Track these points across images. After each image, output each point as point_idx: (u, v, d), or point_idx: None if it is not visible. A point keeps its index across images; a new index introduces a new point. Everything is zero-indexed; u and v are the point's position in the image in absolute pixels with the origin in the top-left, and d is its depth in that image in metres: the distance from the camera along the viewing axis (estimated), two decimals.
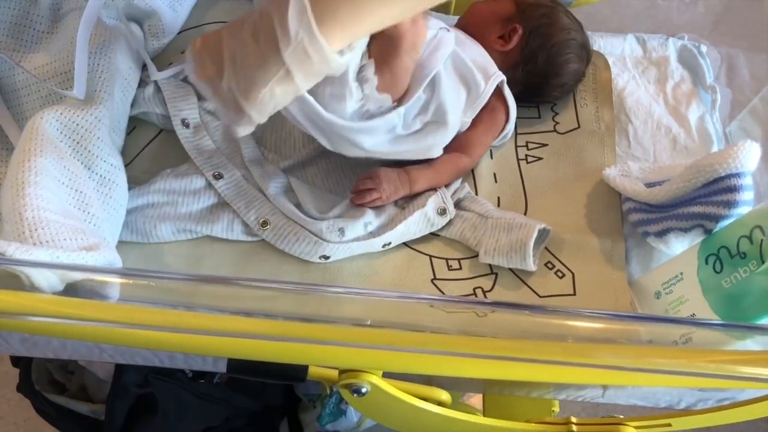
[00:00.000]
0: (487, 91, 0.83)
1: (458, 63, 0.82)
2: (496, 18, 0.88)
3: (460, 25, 0.90)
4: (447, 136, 0.81)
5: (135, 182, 0.82)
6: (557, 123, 0.93)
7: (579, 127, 0.93)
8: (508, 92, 0.85)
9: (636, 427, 0.72)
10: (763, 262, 0.71)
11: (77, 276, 0.59)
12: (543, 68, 0.88)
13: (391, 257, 0.82)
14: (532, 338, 0.65)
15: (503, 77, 0.84)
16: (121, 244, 0.78)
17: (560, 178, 0.89)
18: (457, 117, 0.82)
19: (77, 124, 0.74)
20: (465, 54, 0.83)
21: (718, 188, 0.75)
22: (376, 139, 0.76)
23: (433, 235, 0.84)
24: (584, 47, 0.90)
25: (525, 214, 0.86)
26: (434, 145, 0.81)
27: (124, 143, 0.84)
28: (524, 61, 0.88)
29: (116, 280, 0.62)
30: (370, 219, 0.79)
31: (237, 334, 0.57)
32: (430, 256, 0.82)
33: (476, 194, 0.87)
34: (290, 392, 1.30)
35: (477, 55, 0.85)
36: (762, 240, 0.72)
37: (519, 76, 0.88)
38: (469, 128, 0.85)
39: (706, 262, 0.76)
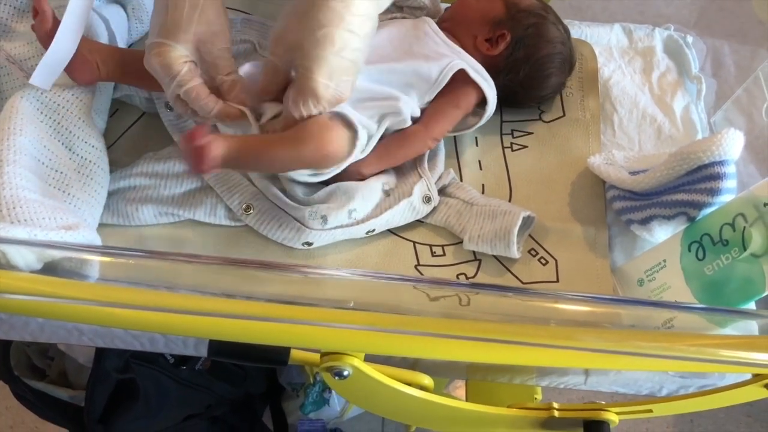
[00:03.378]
0: (441, 80, 0.82)
1: (397, 71, 0.82)
2: (486, 19, 0.87)
3: (447, 16, 0.89)
4: (406, 115, 0.82)
5: (117, 165, 0.81)
6: (542, 111, 0.93)
7: (564, 115, 0.93)
8: (477, 75, 0.84)
9: (617, 413, 0.72)
10: (745, 249, 0.71)
11: (55, 254, 0.58)
12: (523, 80, 0.87)
13: (375, 243, 0.81)
14: (516, 321, 0.65)
15: (462, 66, 0.83)
16: (102, 227, 0.77)
17: (545, 166, 0.88)
18: (411, 104, 0.82)
19: (58, 104, 0.73)
20: (411, 55, 0.83)
21: (702, 176, 0.76)
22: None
23: (418, 222, 0.83)
24: (568, 61, 0.90)
25: (509, 201, 0.86)
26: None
27: (107, 125, 0.83)
28: (506, 70, 0.87)
29: (95, 258, 0.61)
30: (355, 206, 0.79)
31: (218, 313, 0.57)
32: (414, 243, 0.82)
33: (461, 182, 0.87)
34: (273, 381, 1.30)
35: (432, 51, 0.84)
36: (744, 227, 0.72)
37: (499, 82, 0.86)
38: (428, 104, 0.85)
39: (689, 250, 0.76)
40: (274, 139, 0.71)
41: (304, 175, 0.76)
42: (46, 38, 0.70)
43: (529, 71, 0.87)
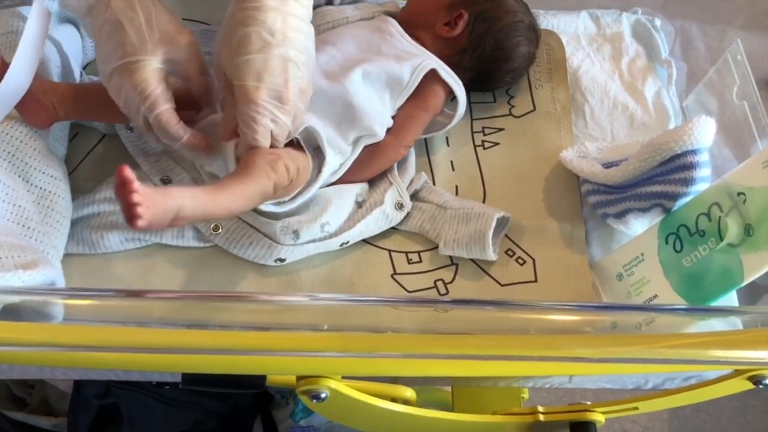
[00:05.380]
0: (412, 82, 0.80)
1: (372, 73, 0.80)
2: (440, 5, 0.85)
3: (404, 14, 0.88)
4: (382, 135, 0.80)
5: (79, 191, 0.79)
6: (513, 106, 0.91)
7: (535, 109, 0.91)
8: (447, 74, 0.83)
9: (603, 413, 0.72)
10: (722, 240, 0.71)
11: (13, 298, 0.56)
12: (492, 53, 0.86)
13: (350, 255, 0.80)
14: (494, 331, 0.64)
15: (433, 66, 0.82)
16: (67, 257, 0.75)
17: (518, 163, 0.87)
18: (386, 120, 0.80)
19: (11, 136, 0.71)
20: (381, 56, 0.81)
21: (675, 166, 0.75)
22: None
23: (392, 229, 0.82)
24: (532, 28, 0.88)
25: (484, 201, 0.84)
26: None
27: (67, 150, 0.81)
28: (472, 47, 0.85)
29: (55, 300, 0.59)
30: (327, 219, 0.77)
31: (189, 349, 0.55)
32: (390, 251, 0.81)
33: (434, 183, 0.86)
34: (262, 391, 1.29)
35: (401, 51, 0.82)
36: (720, 217, 0.71)
37: (467, 62, 0.86)
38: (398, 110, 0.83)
39: (666, 242, 0.75)
40: (225, 185, 0.67)
41: (268, 205, 0.74)
42: None
43: (496, 42, 0.86)
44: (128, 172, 0.57)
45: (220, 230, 0.77)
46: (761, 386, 0.62)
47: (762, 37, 0.98)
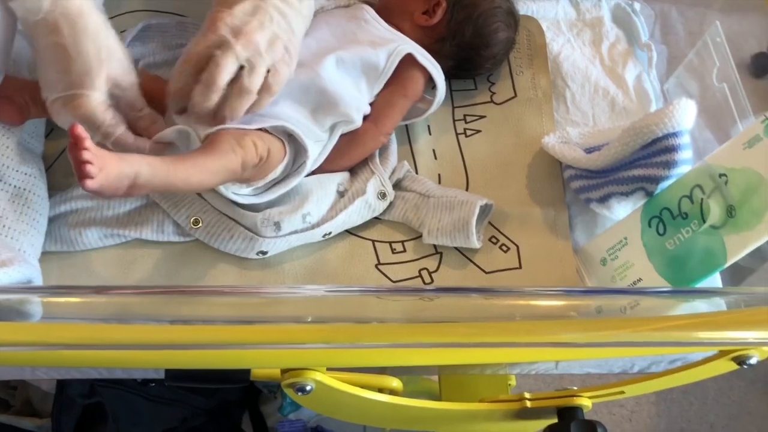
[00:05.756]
0: (388, 67, 0.80)
1: (346, 60, 0.79)
2: None
3: (382, 3, 0.87)
4: (359, 121, 0.79)
5: (56, 188, 0.77)
6: (494, 93, 0.91)
7: (516, 95, 0.91)
8: (424, 59, 0.82)
9: (590, 397, 0.71)
10: (704, 222, 0.71)
11: None
12: (471, 41, 0.85)
13: (333, 246, 0.79)
14: (479, 318, 0.63)
15: (409, 50, 0.81)
16: (46, 255, 0.74)
17: (500, 150, 0.87)
18: (362, 106, 0.80)
19: None
20: (356, 42, 0.80)
21: (657, 149, 0.75)
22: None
23: (376, 219, 0.81)
24: (511, 14, 0.88)
25: (467, 189, 0.84)
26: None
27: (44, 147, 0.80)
28: (451, 35, 0.85)
29: (32, 297, 0.58)
30: (309, 210, 0.76)
31: (171, 345, 0.54)
32: (373, 241, 0.80)
33: (416, 172, 0.85)
34: (249, 385, 1.28)
35: (376, 37, 0.81)
36: (702, 199, 0.71)
37: (447, 50, 0.85)
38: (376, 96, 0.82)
39: (650, 225, 0.75)
40: (186, 156, 0.67)
41: (246, 195, 0.73)
42: None
43: (475, 29, 0.85)
44: (80, 130, 0.56)
45: (201, 224, 0.76)
46: (745, 366, 0.62)
47: (741, 19, 0.98)
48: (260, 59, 0.67)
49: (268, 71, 0.69)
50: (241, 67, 0.67)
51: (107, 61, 0.64)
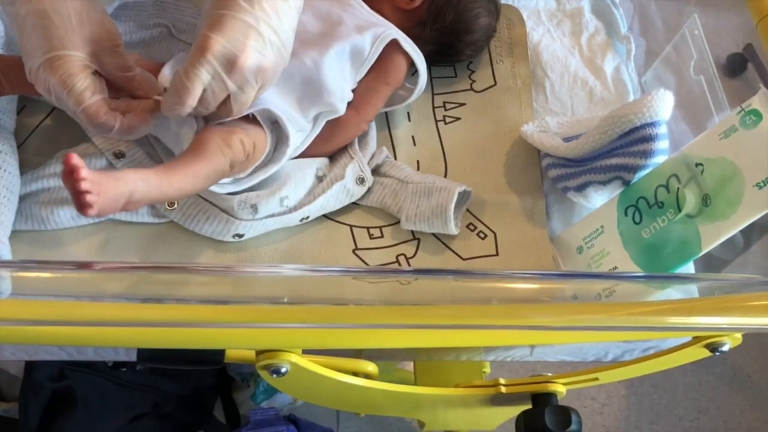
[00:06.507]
0: (373, 52, 0.79)
1: (336, 49, 0.78)
2: None
3: None
4: (343, 110, 0.78)
5: (27, 166, 0.76)
6: (474, 81, 0.91)
7: (496, 84, 0.91)
8: (408, 46, 0.82)
9: (564, 383, 0.72)
10: (680, 211, 0.71)
11: None
12: (452, 25, 0.85)
13: (310, 230, 0.78)
14: (456, 301, 0.63)
15: (395, 36, 0.80)
16: (16, 233, 0.72)
17: (479, 138, 0.87)
18: (346, 94, 0.79)
19: None
20: (344, 26, 0.79)
21: (634, 138, 0.75)
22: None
23: (354, 204, 0.81)
24: (492, 1, 0.88)
25: (445, 176, 0.84)
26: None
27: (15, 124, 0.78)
28: (432, 19, 0.84)
29: (3, 272, 0.57)
30: (286, 193, 0.75)
31: (143, 323, 0.54)
32: (351, 226, 0.80)
33: (395, 158, 0.85)
34: (222, 372, 1.27)
35: (362, 21, 0.81)
36: (678, 188, 0.72)
37: (428, 34, 0.85)
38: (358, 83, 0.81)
39: (626, 214, 0.75)
40: (177, 164, 0.65)
41: (226, 185, 0.72)
42: None
43: (455, 14, 0.85)
44: (76, 159, 0.56)
45: (176, 206, 0.75)
46: (717, 353, 0.63)
47: (718, 13, 0.99)
48: (240, 82, 0.65)
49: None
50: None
51: (87, 22, 0.63)
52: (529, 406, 0.71)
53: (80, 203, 0.57)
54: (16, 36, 0.65)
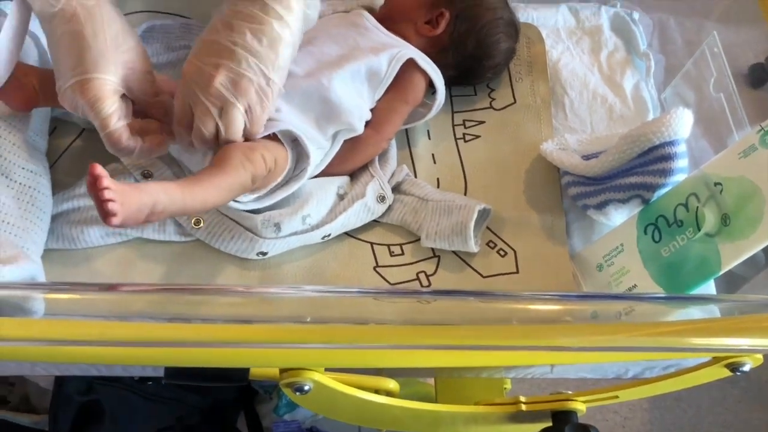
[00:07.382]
0: (390, 72, 0.80)
1: (351, 70, 0.79)
2: (420, 3, 0.85)
3: (384, 11, 0.88)
4: (360, 129, 0.80)
5: (59, 186, 0.78)
6: (493, 99, 0.92)
7: (515, 102, 0.92)
8: (426, 63, 0.83)
9: (584, 401, 0.72)
10: (699, 230, 0.71)
11: None
12: (474, 51, 0.86)
13: (332, 248, 0.80)
14: (476, 322, 0.64)
15: (411, 55, 0.82)
16: (48, 252, 0.74)
17: (498, 156, 0.88)
18: (364, 113, 0.80)
19: None
20: (359, 50, 0.81)
21: (653, 157, 0.75)
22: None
23: (374, 222, 0.82)
24: (512, 24, 0.89)
25: (465, 194, 0.85)
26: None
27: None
28: (454, 46, 0.86)
29: (36, 294, 0.58)
30: (309, 211, 0.77)
31: (171, 342, 0.55)
32: (372, 244, 0.81)
33: (415, 176, 0.86)
34: (245, 386, 1.29)
35: (377, 43, 0.82)
36: (697, 207, 0.72)
37: (450, 59, 0.86)
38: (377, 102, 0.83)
39: (645, 232, 0.76)
40: (200, 178, 0.67)
41: (247, 202, 0.74)
42: None
43: (477, 40, 0.86)
44: (99, 170, 0.57)
45: (202, 224, 0.76)
46: (738, 373, 0.63)
47: (738, 30, 0.99)
48: (234, 108, 0.67)
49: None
50: None
51: (122, 46, 0.66)
52: (549, 424, 0.71)
53: (104, 212, 0.58)
54: (49, 52, 0.68)
